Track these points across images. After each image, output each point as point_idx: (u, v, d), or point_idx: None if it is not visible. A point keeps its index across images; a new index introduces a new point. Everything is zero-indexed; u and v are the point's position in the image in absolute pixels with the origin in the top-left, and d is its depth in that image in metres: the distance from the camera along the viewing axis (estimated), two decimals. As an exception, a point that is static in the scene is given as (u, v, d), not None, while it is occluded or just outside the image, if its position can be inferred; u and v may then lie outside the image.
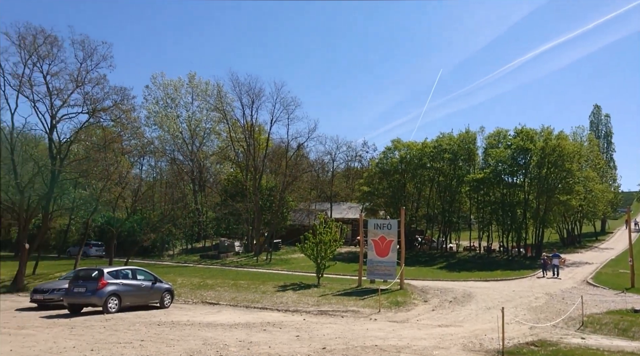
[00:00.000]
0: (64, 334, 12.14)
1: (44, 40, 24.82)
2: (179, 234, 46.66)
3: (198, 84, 55.45)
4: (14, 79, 25.27)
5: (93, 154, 28.10)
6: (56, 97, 25.80)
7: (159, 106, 54.63)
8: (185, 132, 54.32)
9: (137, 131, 31.22)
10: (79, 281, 16.90)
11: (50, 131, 26.19)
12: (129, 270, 18.50)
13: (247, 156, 47.58)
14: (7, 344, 10.66)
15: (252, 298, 20.71)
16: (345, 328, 13.57)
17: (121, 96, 26.54)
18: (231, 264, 36.95)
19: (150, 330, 12.89)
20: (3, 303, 19.91)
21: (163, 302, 18.44)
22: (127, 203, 35.75)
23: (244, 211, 44.14)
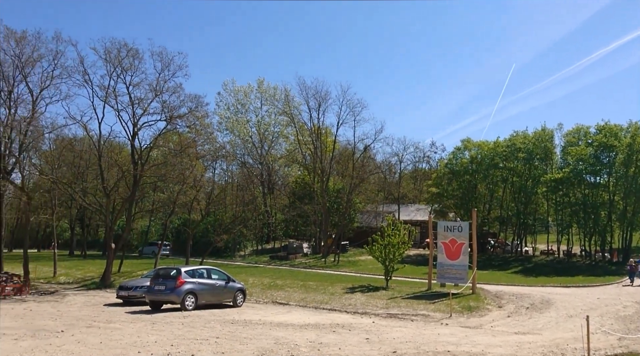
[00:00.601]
0: (146, 329, 12.89)
1: (127, 53, 26.66)
2: (249, 236, 48.12)
3: (267, 89, 56.96)
4: (101, 91, 27.35)
5: (170, 159, 29.66)
6: (137, 106, 27.57)
7: (230, 112, 56.71)
8: (255, 136, 55.94)
9: (210, 136, 32.56)
10: (159, 279, 17.87)
11: (133, 138, 27.99)
12: (204, 270, 19.31)
13: (314, 159, 48.15)
14: (98, 336, 11.51)
15: (321, 299, 20.89)
16: (416, 332, 13.34)
17: (195, 103, 27.87)
18: (300, 266, 37.52)
19: (224, 327, 13.38)
20: (93, 298, 21.52)
21: (236, 301, 19.07)
22: (202, 205, 37.36)
23: (312, 213, 44.68)
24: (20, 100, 27.09)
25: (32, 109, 26.87)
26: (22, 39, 25.99)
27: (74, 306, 18.37)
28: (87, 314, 16.07)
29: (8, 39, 25.73)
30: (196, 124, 28.44)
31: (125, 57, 26.66)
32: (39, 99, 27.24)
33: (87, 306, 18.48)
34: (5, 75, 26.25)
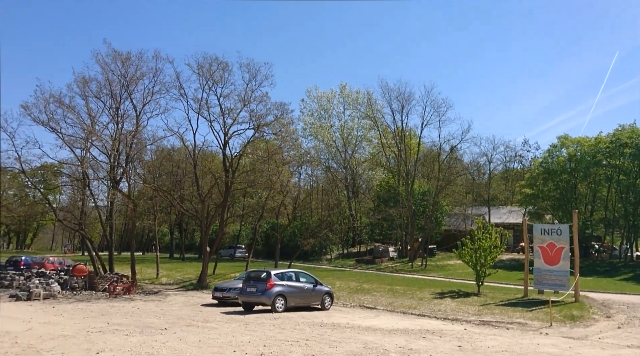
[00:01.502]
0: (240, 329, 13.47)
1: (217, 66, 28.23)
2: (335, 239, 48.55)
3: (349, 94, 57.30)
4: (195, 103, 29.18)
5: (258, 165, 30.83)
6: (227, 116, 29.02)
7: (313, 118, 57.76)
8: (339, 141, 56.43)
9: (295, 142, 33.38)
10: (251, 281, 18.60)
11: (224, 147, 29.49)
12: (293, 273, 19.79)
13: (398, 161, 47.53)
14: (197, 335, 12.23)
15: (409, 304, 20.52)
16: (512, 341, 12.63)
17: (281, 111, 28.74)
18: (386, 270, 37.15)
19: (313, 330, 13.60)
20: (191, 299, 22.91)
21: (324, 304, 19.32)
22: (288, 210, 38.37)
23: (397, 217, 44.09)
24: (126, 115, 29.72)
25: (136, 123, 29.34)
26: (127, 59, 28.51)
27: (175, 306, 19.66)
28: (187, 313, 17.12)
29: (115, 60, 28.37)
30: (282, 131, 29.29)
31: (216, 71, 28.23)
32: (141, 113, 29.70)
33: (187, 306, 19.68)
34: (114, 93, 28.94)
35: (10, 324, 13.12)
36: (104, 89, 28.67)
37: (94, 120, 28.22)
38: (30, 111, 25.54)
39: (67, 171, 32.23)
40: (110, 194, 29.89)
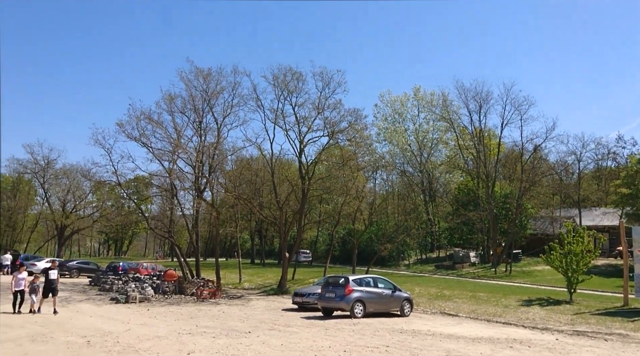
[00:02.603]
0: (320, 334, 13.65)
1: (292, 77, 28.96)
2: (413, 245, 47.69)
3: (423, 96, 56.27)
4: (271, 114, 30.12)
5: (333, 172, 31.12)
6: (302, 124, 29.63)
7: (387, 122, 57.34)
8: (414, 144, 55.53)
9: (369, 147, 33.34)
10: (329, 287, 18.78)
11: (300, 155, 30.13)
12: (371, 278, 19.71)
13: (477, 163, 45.84)
14: (279, 339, 12.58)
15: (493, 312, 19.67)
16: (612, 354, 11.71)
17: (355, 117, 28.83)
18: (467, 275, 35.86)
19: (393, 336, 13.47)
20: (272, 303, 23.55)
21: (403, 310, 19.05)
22: (364, 215, 38.31)
23: (478, 220, 42.48)
24: (208, 128, 31.35)
25: (217, 135, 30.83)
26: (208, 75, 30.12)
27: (257, 310, 20.32)
28: (269, 317, 17.64)
29: (198, 76, 30.07)
30: (356, 137, 29.37)
31: (290, 81, 28.96)
32: (222, 126, 31.16)
33: (268, 311, 20.27)
34: (197, 108, 30.65)
35: (112, 325, 14.28)
36: (188, 104, 30.47)
37: (179, 134, 30.04)
38: (125, 128, 27.73)
39: (156, 183, 34.56)
40: (195, 203, 31.57)
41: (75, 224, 61.19)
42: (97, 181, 35.30)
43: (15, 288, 16.34)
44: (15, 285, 16.37)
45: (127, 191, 38.38)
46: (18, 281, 16.46)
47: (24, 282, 16.57)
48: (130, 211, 40.38)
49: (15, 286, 16.36)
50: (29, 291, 16.54)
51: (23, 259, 39.68)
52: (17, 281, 16.47)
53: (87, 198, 62.88)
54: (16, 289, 16.33)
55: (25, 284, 16.54)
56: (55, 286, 17.11)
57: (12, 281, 16.60)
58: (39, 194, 66.43)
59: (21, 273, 16.84)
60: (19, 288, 16.39)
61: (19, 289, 16.36)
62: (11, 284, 16.55)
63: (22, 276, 16.74)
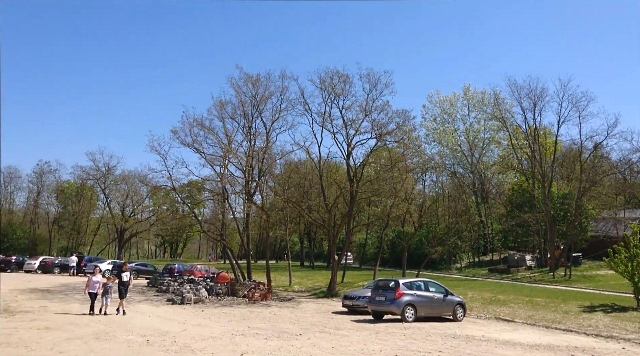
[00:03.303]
0: (370, 338, 13.58)
1: (339, 79, 29.02)
2: (464, 247, 46.49)
3: (473, 95, 54.83)
4: (319, 117, 30.30)
5: (382, 174, 30.90)
6: (350, 127, 29.64)
7: (436, 123, 56.26)
8: (464, 144, 54.17)
9: (418, 149, 32.85)
10: (379, 290, 18.66)
11: (347, 157, 30.12)
12: (422, 282, 19.43)
13: (532, 163, 44.11)
14: (330, 341, 12.62)
15: (552, 318, 18.84)
16: (684, 366, 10.94)
17: (402, 118, 28.54)
18: (523, 280, 34.54)
19: (446, 341, 13.20)
20: (322, 306, 23.65)
21: (455, 315, 18.62)
22: (414, 217, 37.75)
23: (534, 222, 40.85)
24: (257, 133, 31.96)
25: (267, 139, 31.38)
26: (257, 81, 30.73)
27: (308, 312, 20.47)
28: (319, 320, 17.73)
29: (247, 83, 30.75)
30: (404, 138, 29.05)
31: (337, 84, 29.03)
32: (270, 130, 31.67)
33: (318, 313, 20.37)
34: (246, 113, 31.35)
35: (169, 325, 14.82)
36: (237, 110, 31.20)
37: (230, 139, 30.83)
38: (178, 134, 28.81)
39: (208, 187, 35.55)
40: (246, 206, 32.24)
41: (134, 227, 64.18)
42: (153, 186, 36.76)
43: (89, 290, 16.52)
44: (90, 287, 16.55)
45: (181, 196, 39.67)
46: (92, 284, 16.60)
47: (98, 284, 16.70)
48: (185, 214, 41.69)
49: (90, 289, 16.53)
50: (101, 292, 16.76)
51: (87, 261, 41.95)
52: (92, 283, 16.62)
53: (144, 203, 65.79)
54: (90, 291, 16.53)
55: (99, 286, 16.68)
56: (127, 287, 17.53)
57: (87, 282, 16.83)
58: (101, 199, 70.16)
59: (95, 276, 17.01)
60: (93, 290, 16.56)
61: (93, 292, 16.55)
62: (86, 287, 16.77)
63: (97, 278, 16.90)
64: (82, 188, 69.02)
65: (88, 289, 16.52)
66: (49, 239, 70.34)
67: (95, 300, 16.60)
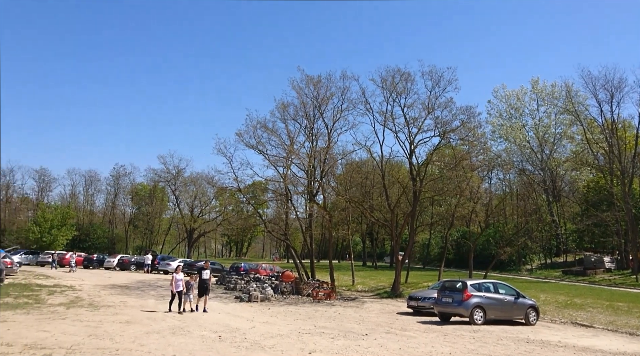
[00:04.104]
0: (438, 340, 13.31)
1: (400, 78, 28.72)
2: (535, 248, 44.43)
3: (542, 89, 52.24)
4: (380, 116, 30.14)
5: (446, 173, 30.20)
6: (412, 125, 29.23)
7: (502, 119, 54.17)
8: (533, 140, 51.76)
9: (484, 146, 31.82)
10: (446, 291, 18.23)
11: (410, 156, 29.71)
12: (490, 284, 18.77)
13: (609, 159, 41.36)
14: (396, 343, 12.51)
15: (637, 324, 17.58)
16: None
17: (467, 115, 27.77)
18: (602, 282, 32.49)
19: (519, 346, 12.68)
20: (387, 306, 23.46)
21: (528, 319, 17.85)
22: (480, 217, 36.56)
23: (613, 222, 38.28)
24: (319, 134, 32.36)
25: (328, 140, 31.66)
26: (318, 82, 31.09)
27: (372, 313, 20.38)
28: (384, 321, 17.61)
29: (308, 84, 31.20)
30: (469, 135, 28.25)
31: (399, 82, 28.73)
32: (332, 131, 31.94)
33: (383, 314, 20.23)
34: (308, 114, 31.81)
35: (238, 322, 15.31)
36: (299, 111, 31.74)
37: (292, 140, 31.41)
38: (243, 137, 29.73)
39: (272, 187, 36.34)
40: (308, 206, 32.66)
41: (202, 227, 66.86)
42: (219, 187, 38.17)
43: (175, 289, 16.72)
44: (174, 286, 16.73)
45: (246, 196, 40.87)
46: (177, 282, 16.77)
47: (182, 283, 16.88)
48: (249, 215, 42.93)
49: (175, 287, 16.72)
50: (184, 291, 17.02)
51: (160, 260, 44.21)
52: (176, 281, 16.78)
53: (211, 203, 68.42)
54: (176, 290, 16.71)
55: (182, 284, 16.86)
56: (207, 285, 17.82)
57: (171, 281, 17.07)
58: (171, 201, 73.72)
59: (178, 274, 17.11)
60: (178, 289, 16.71)
61: (178, 290, 16.71)
62: (171, 285, 17.00)
63: (180, 276, 17.03)
64: (154, 190, 72.90)
65: (174, 289, 16.76)
66: (125, 238, 74.89)
67: (180, 298, 16.75)
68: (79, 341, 10.42)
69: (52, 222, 57.11)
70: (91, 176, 78.28)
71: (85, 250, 59.39)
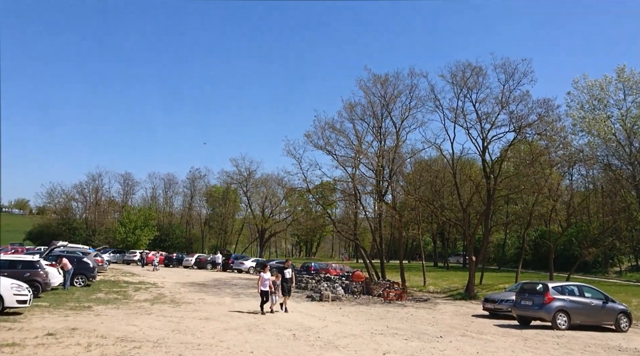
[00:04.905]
0: (518, 345, 12.72)
1: (471, 72, 27.69)
2: (625, 249, 41.22)
3: (630, 77, 48.22)
4: (450, 113, 29.24)
5: (522, 169, 28.78)
6: (485, 121, 28.09)
7: (584, 111, 50.65)
8: (620, 133, 47.90)
9: (563, 140, 29.97)
10: (525, 294, 17.38)
11: (483, 153, 28.60)
12: (574, 286, 17.67)
13: None
14: (473, 346, 12.11)
15: None
16: None
17: (544, 108, 26.27)
18: None
19: (610, 354, 11.86)
20: (460, 308, 22.78)
21: (619, 325, 16.59)
22: (560, 216, 34.49)
23: None
24: (387, 133, 32.01)
25: (396, 138, 31.25)
26: (385, 81, 30.78)
27: (445, 315, 19.87)
28: (458, 323, 17.11)
29: (375, 83, 30.97)
30: (547, 130, 26.72)
31: (470, 77, 27.72)
32: (400, 129, 31.45)
33: (457, 316, 19.66)
34: (376, 113, 31.57)
35: (311, 321, 15.53)
36: (367, 111, 31.57)
37: (360, 140, 31.36)
38: (311, 138, 30.11)
39: (340, 188, 36.50)
40: (377, 206, 32.44)
41: (272, 227, 68.55)
42: (289, 188, 38.91)
43: (261, 288, 16.41)
44: (261, 285, 16.42)
45: (315, 196, 41.36)
46: (264, 281, 16.44)
47: (269, 282, 16.50)
48: (318, 215, 43.45)
49: (262, 286, 16.41)
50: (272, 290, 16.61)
51: (234, 259, 45.86)
52: (263, 281, 16.46)
53: (281, 204, 69.94)
54: (262, 289, 16.40)
55: (269, 284, 16.51)
56: (289, 285, 17.52)
57: (258, 281, 16.87)
58: (243, 202, 76.29)
59: (266, 273, 16.75)
60: (265, 288, 16.38)
61: (265, 290, 16.39)
62: (258, 285, 16.74)
63: (267, 276, 16.64)
64: (227, 192, 75.78)
65: (261, 288, 16.47)
66: (201, 238, 78.49)
67: (266, 298, 16.49)
68: (163, 335, 11.06)
69: (136, 223, 61.09)
70: (169, 179, 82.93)
71: (165, 249, 62.92)
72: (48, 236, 65.88)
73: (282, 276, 17.61)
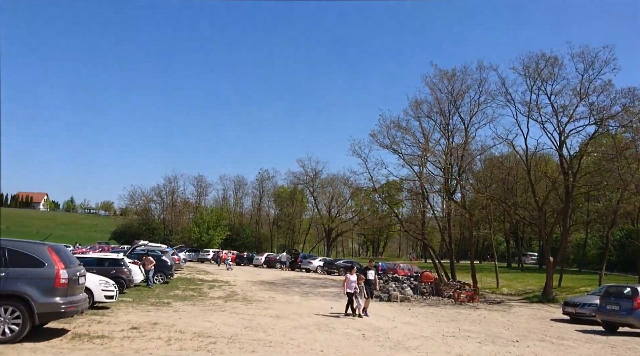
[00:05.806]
0: (604, 352, 11.92)
1: (545, 63, 26.28)
2: None
3: None
4: (523, 106, 27.94)
5: (604, 164, 26.91)
6: (562, 114, 26.59)
7: (675, 98, 46.54)
8: None
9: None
10: (611, 297, 16.24)
11: (560, 148, 27.05)
12: (668, 291, 16.23)
13: None
14: (553, 352, 11.47)
15: None
16: None
17: (630, 98, 24.39)
18: None
19: None
20: (538, 312, 21.68)
21: None
22: (650, 214, 31.81)
23: None
24: (455, 129, 31.16)
25: (465, 135, 30.33)
26: (452, 76, 29.95)
27: (521, 318, 19.00)
28: (536, 327, 16.31)
29: (442, 79, 30.25)
30: (633, 121, 24.80)
31: (544, 68, 26.33)
32: (469, 125, 30.52)
33: (534, 319, 18.75)
34: (442, 110, 30.84)
35: (379, 321, 15.42)
36: (433, 108, 30.91)
37: (427, 138, 30.73)
38: (377, 137, 29.93)
39: (407, 187, 35.99)
40: (446, 205, 31.64)
41: (339, 227, 68.87)
42: (355, 188, 38.91)
43: (347, 289, 15.80)
44: (347, 287, 15.82)
45: (381, 196, 41.03)
46: (350, 283, 15.77)
47: (354, 284, 15.77)
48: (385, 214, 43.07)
49: (348, 288, 15.79)
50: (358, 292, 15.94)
51: (302, 258, 46.60)
52: (349, 282, 15.81)
53: (347, 204, 70.11)
54: (348, 292, 15.77)
55: (355, 286, 15.77)
56: (372, 286, 16.82)
57: (344, 282, 16.30)
58: (310, 202, 77.30)
59: (352, 275, 16.12)
60: (351, 290, 15.72)
61: (351, 292, 15.73)
62: (343, 286, 16.17)
63: (354, 278, 15.95)
64: (294, 192, 77.14)
65: (347, 289, 15.84)
66: (270, 238, 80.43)
67: (350, 299, 15.87)
68: (237, 332, 11.45)
69: (209, 223, 63.74)
70: (239, 180, 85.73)
71: (236, 248, 65.13)
72: (130, 236, 70.42)
73: (365, 278, 16.73)
